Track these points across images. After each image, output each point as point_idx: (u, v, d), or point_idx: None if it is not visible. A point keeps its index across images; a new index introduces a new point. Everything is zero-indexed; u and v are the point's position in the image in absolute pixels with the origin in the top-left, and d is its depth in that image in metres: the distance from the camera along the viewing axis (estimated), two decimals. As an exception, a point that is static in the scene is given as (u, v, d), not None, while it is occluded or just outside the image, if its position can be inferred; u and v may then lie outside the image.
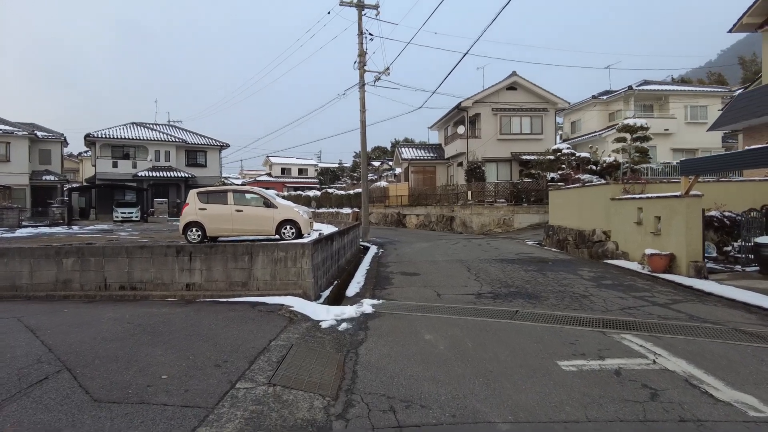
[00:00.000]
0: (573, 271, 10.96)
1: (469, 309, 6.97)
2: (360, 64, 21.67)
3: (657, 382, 3.96)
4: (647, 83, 33.96)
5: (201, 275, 8.03)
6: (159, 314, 6.20)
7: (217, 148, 43.09)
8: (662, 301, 7.43)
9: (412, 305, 7.29)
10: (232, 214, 12.86)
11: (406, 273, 10.93)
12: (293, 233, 12.74)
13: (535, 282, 9.35)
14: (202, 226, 12.95)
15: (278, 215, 12.78)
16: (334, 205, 40.89)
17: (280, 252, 7.85)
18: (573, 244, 15.39)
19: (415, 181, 33.91)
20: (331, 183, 61.46)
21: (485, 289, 8.60)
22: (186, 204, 13.24)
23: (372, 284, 9.54)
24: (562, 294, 8.10)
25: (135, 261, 8.18)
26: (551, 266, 11.76)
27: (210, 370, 4.11)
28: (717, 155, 10.78)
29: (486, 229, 23.90)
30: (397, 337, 5.40)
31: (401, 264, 12.69)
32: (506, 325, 5.89)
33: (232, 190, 13.20)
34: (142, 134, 39.55)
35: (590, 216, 14.56)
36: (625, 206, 12.65)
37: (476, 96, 29.20)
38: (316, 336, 5.39)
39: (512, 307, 7.12)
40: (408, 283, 9.61)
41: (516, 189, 24.85)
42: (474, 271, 10.91)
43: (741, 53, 76.02)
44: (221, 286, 7.98)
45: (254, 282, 7.92)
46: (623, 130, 15.90)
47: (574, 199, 16.18)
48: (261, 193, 13.18)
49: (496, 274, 10.33)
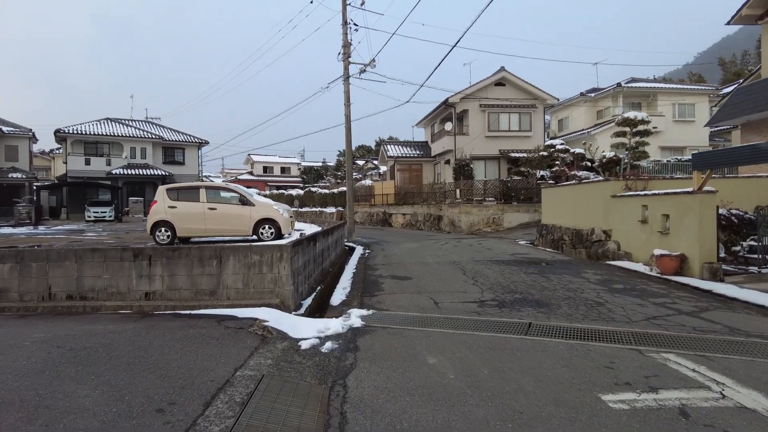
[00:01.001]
0: (576, 273, 10.12)
1: (474, 321, 6.02)
2: (344, 55, 20.63)
3: (741, 428, 3.04)
4: (635, 81, 33.60)
5: (162, 282, 6.92)
6: (102, 333, 5.08)
7: (195, 145, 41.51)
8: (687, 309, 6.59)
9: (407, 317, 6.31)
10: (204, 213, 11.72)
11: (396, 277, 9.95)
12: (272, 233, 11.65)
13: (540, 286, 8.46)
14: (171, 226, 11.77)
15: (255, 214, 11.68)
16: (318, 204, 39.75)
17: (254, 255, 6.78)
18: (569, 244, 14.61)
19: (402, 180, 32.96)
20: (314, 182, 60.21)
21: (487, 296, 7.67)
22: (154, 202, 12.06)
23: (360, 290, 8.53)
24: (573, 301, 7.21)
25: (85, 266, 7.02)
26: (552, 268, 10.91)
27: (149, 418, 3.06)
28: (733, 148, 10.06)
29: (475, 228, 23.08)
30: (393, 361, 4.40)
31: (390, 266, 11.71)
32: (523, 343, 4.95)
33: (204, 186, 12.05)
34: (116, 130, 37.76)
35: (588, 214, 13.80)
36: (628, 204, 11.89)
37: (464, 92, 28.36)
38: (294, 361, 4.36)
39: (522, 317, 6.19)
40: (400, 288, 8.63)
41: (506, 187, 24.10)
42: (470, 274, 9.98)
43: (718, 56, 77.40)
44: (186, 295, 6.89)
45: (224, 290, 6.84)
46: (623, 123, 15.17)
47: (570, 196, 15.42)
48: (237, 189, 12.07)
49: (495, 278, 9.42)
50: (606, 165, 15.72)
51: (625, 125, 15.12)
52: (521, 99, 28.82)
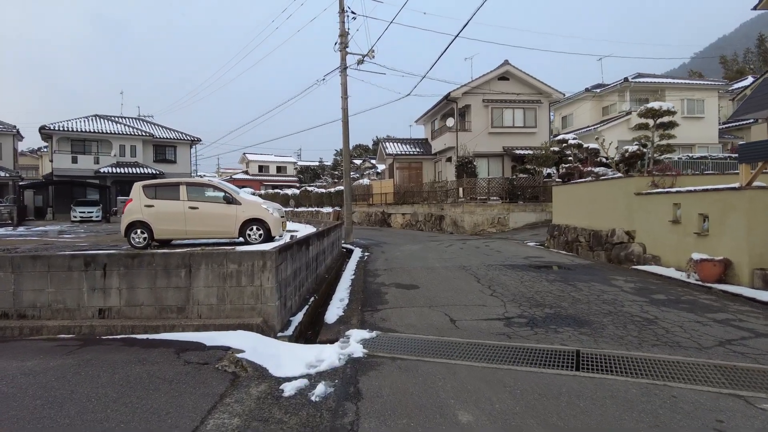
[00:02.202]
0: (605, 280, 8.91)
1: (507, 349, 4.78)
2: (341, 45, 19.37)
3: None
4: (641, 76, 32.45)
5: (120, 297, 5.66)
6: (9, 377, 3.78)
7: (187, 143, 40.16)
8: (763, 329, 5.38)
9: (420, 341, 5.06)
10: (185, 213, 10.48)
11: (401, 285, 8.71)
12: (260, 235, 10.41)
13: (570, 298, 7.24)
14: (148, 227, 10.54)
15: (242, 213, 10.44)
16: (314, 204, 38.48)
17: (231, 264, 5.52)
18: (586, 246, 13.43)
19: (401, 178, 31.72)
20: (311, 181, 58.96)
21: (512, 311, 6.44)
22: (129, 200, 10.80)
23: (359, 302, 7.29)
24: (616, 317, 5.99)
25: (25, 277, 5.75)
26: (574, 274, 9.70)
27: None
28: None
29: (479, 228, 21.88)
30: (411, 417, 3.14)
31: (393, 272, 10.48)
32: (581, 386, 3.71)
33: (185, 182, 10.80)
34: (105, 127, 36.33)
35: (607, 214, 12.62)
36: (656, 202, 10.70)
37: (466, 86, 27.15)
38: (273, 419, 3.10)
39: (564, 341, 4.97)
40: (406, 300, 7.38)
41: (511, 185, 22.89)
42: (485, 282, 8.75)
43: (714, 55, 76.87)
44: (149, 313, 5.63)
45: (194, 307, 5.59)
46: (646, 114, 13.92)
47: (585, 195, 14.23)
48: (221, 186, 10.81)
49: (515, 286, 8.20)
50: (628, 160, 14.50)
51: (648, 116, 13.89)
52: (526, 94, 27.62)
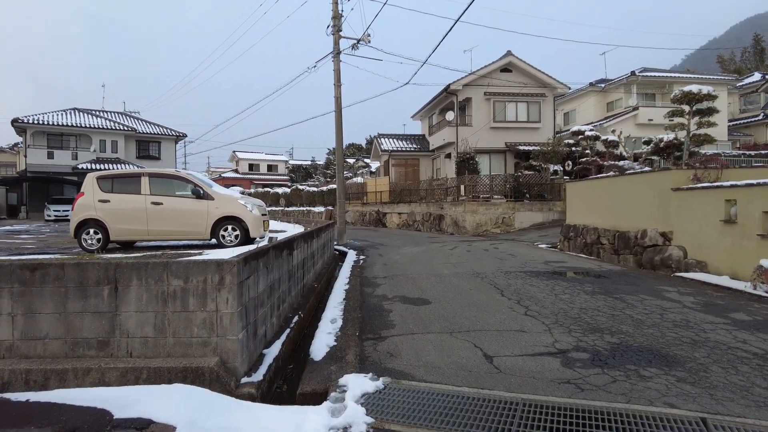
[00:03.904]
0: (653, 291, 7.31)
1: (585, 412, 3.15)
2: (334, 28, 17.69)
3: None
4: (647, 70, 31.06)
5: (13, 327, 3.94)
6: None
7: (172, 139, 38.19)
8: None
9: (451, 397, 3.40)
10: (147, 209, 8.75)
11: (407, 299, 7.04)
12: (237, 236, 8.71)
13: (627, 318, 5.63)
14: (103, 227, 8.80)
15: (215, 210, 8.73)
16: (306, 203, 36.76)
17: (175, 279, 3.83)
18: (609, 249, 11.87)
19: (397, 176, 30.07)
20: (303, 180, 57.11)
21: (563, 339, 4.80)
22: (80, 194, 9.05)
23: (356, 324, 5.62)
24: (712, 351, 4.37)
25: None
26: (611, 283, 8.11)
27: None
28: None
29: (482, 229, 20.30)
30: None
31: (394, 281, 8.81)
32: None
33: (148, 173, 9.05)
34: (84, 121, 34.30)
35: (635, 212, 11.08)
36: (701, 199, 9.16)
37: (467, 78, 25.56)
38: None
39: (664, 395, 3.35)
40: (418, 321, 5.71)
41: (517, 183, 21.33)
42: (511, 295, 7.12)
43: (708, 57, 76.48)
44: (56, 349, 3.93)
45: (122, 340, 3.89)
46: (681, 100, 12.33)
47: (608, 191, 12.67)
48: (190, 178, 9.06)
49: (550, 301, 6.57)
50: (663, 151, 12.93)
51: (684, 102, 12.30)
52: (529, 87, 26.05)
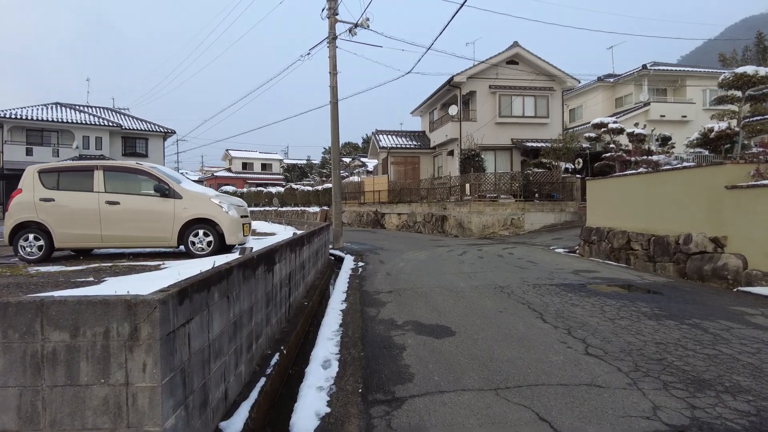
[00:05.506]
0: (728, 314, 5.79)
1: None
2: (330, 11, 16.13)
3: None
4: (657, 64, 29.66)
5: None
6: None
7: (160, 135, 36.46)
8: None
9: None
10: (100, 210, 7.16)
11: (423, 327, 5.48)
12: (210, 243, 7.13)
13: (732, 361, 4.10)
14: (46, 231, 7.21)
15: (183, 211, 7.14)
16: (300, 203, 35.16)
17: (55, 331, 2.23)
18: (643, 256, 10.37)
19: (396, 174, 28.54)
20: (298, 180, 55.44)
21: (667, 405, 3.26)
22: (18, 190, 7.44)
23: (358, 373, 4.05)
24: None
25: None
26: (668, 302, 6.59)
27: None
28: None
29: (489, 231, 18.81)
30: None
31: (402, 297, 7.25)
32: None
33: (102, 166, 7.44)
34: (67, 116, 32.54)
35: (675, 214, 9.60)
36: (765, 198, 7.69)
37: (471, 70, 24.08)
38: None
39: None
40: (445, 371, 4.11)
41: (527, 181, 19.84)
42: (554, 320, 5.57)
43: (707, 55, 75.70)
44: None
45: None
46: (735, 83, 10.63)
47: (639, 189, 11.15)
48: (153, 173, 7.43)
49: (611, 332, 5.03)
50: (713, 142, 11.37)
51: (738, 86, 10.60)
52: (537, 80, 24.60)
